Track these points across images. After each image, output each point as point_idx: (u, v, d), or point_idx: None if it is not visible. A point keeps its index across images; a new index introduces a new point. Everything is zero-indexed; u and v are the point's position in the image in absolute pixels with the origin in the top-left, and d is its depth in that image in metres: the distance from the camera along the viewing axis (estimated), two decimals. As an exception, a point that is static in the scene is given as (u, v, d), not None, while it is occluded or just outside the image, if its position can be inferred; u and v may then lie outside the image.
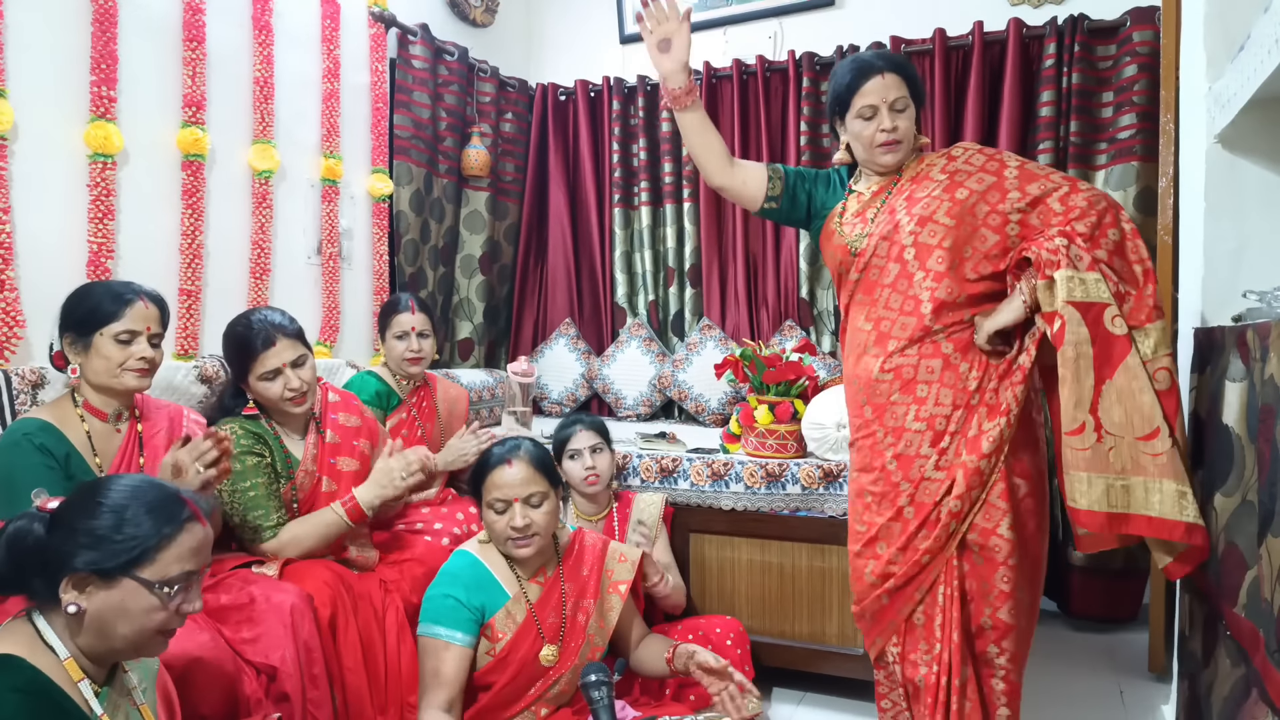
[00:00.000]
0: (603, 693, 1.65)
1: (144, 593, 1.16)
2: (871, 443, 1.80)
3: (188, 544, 1.21)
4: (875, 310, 1.79)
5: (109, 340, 1.72)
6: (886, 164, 1.82)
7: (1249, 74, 1.56)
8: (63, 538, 1.16)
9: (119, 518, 1.17)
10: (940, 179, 1.77)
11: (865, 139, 1.80)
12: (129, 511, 1.18)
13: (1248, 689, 1.30)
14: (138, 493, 1.21)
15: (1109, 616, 2.98)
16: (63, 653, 1.16)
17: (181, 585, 1.20)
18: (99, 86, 2.18)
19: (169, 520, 1.20)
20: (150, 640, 1.20)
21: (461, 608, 1.84)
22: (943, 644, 1.70)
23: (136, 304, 1.76)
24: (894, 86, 1.77)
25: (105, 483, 1.22)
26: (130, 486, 1.21)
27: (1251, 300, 1.66)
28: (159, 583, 1.17)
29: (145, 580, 1.16)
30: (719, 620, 2.34)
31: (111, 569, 1.15)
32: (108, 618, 1.16)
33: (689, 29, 1.87)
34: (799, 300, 3.48)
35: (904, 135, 1.79)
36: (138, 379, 1.76)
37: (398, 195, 3.27)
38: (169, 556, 1.18)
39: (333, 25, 2.97)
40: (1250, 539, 1.31)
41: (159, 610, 1.18)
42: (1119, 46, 3.03)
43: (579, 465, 2.40)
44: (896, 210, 1.78)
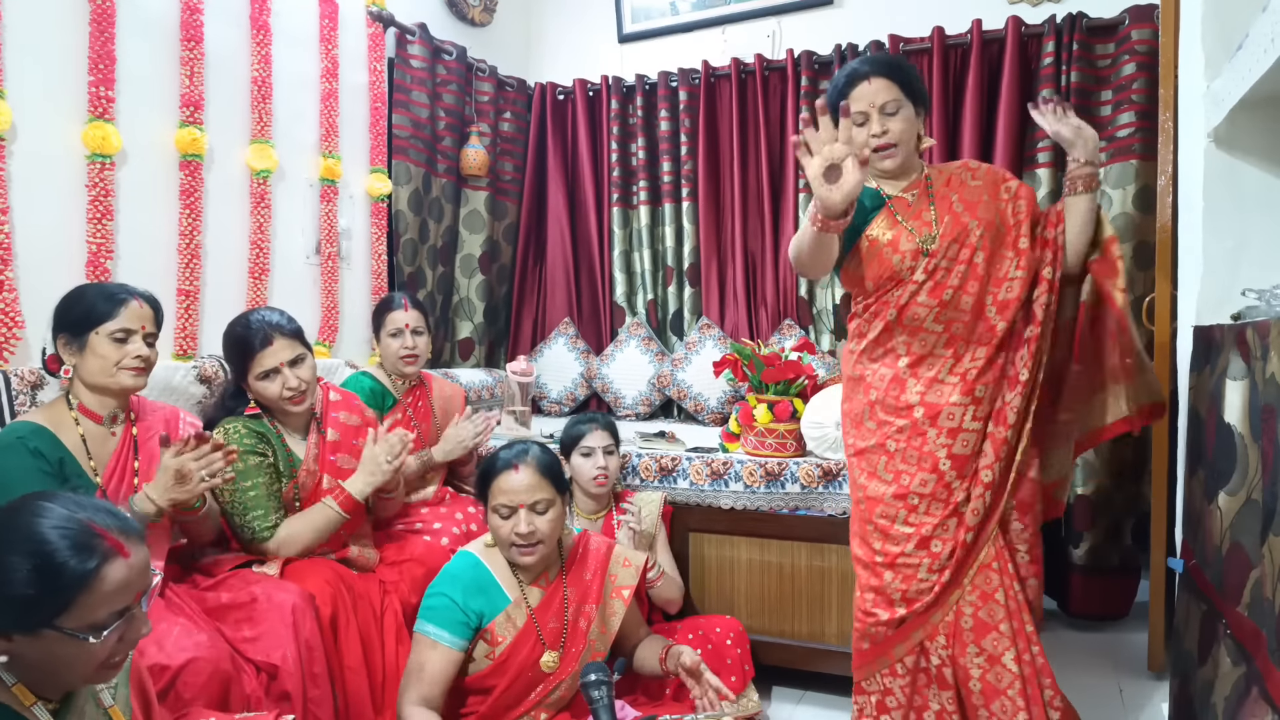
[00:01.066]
0: (602, 692, 1.65)
1: (71, 642, 1.06)
2: (922, 442, 1.79)
3: (108, 586, 1.08)
4: (946, 312, 1.78)
5: (104, 339, 1.72)
6: (884, 169, 1.81)
7: (1247, 73, 1.56)
8: None
9: (23, 574, 1.04)
10: (977, 184, 1.82)
11: (858, 142, 1.74)
12: (34, 564, 1.04)
13: (1249, 688, 1.30)
14: (46, 537, 1.06)
15: (1106, 614, 2.99)
16: (9, 679, 1.08)
17: (115, 625, 1.09)
18: (97, 86, 2.17)
19: (83, 563, 1.06)
20: (99, 672, 1.11)
21: (456, 609, 1.83)
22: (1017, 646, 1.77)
23: (131, 303, 1.76)
24: (882, 90, 1.74)
25: (9, 526, 1.08)
26: (37, 527, 1.07)
27: (1250, 298, 1.66)
28: (85, 630, 1.06)
29: (69, 631, 1.05)
30: (719, 620, 2.34)
31: (28, 627, 1.04)
32: (44, 664, 1.07)
33: (859, 167, 1.51)
34: (798, 299, 3.48)
35: (898, 137, 1.77)
36: (133, 378, 1.75)
37: (396, 195, 3.27)
38: (91, 603, 1.06)
39: (331, 25, 2.96)
40: (1254, 538, 1.31)
41: (96, 652, 1.08)
42: (1118, 45, 3.03)
43: (590, 464, 2.39)
44: (957, 212, 1.80)
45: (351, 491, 1.98)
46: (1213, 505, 1.58)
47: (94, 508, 1.13)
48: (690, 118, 3.64)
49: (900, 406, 1.82)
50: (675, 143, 3.67)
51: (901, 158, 1.80)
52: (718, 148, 3.65)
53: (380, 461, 2.00)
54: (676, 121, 3.67)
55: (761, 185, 3.54)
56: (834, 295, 3.39)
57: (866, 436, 1.87)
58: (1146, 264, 2.90)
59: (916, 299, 1.79)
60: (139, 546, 1.14)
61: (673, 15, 3.89)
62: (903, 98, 1.76)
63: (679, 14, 3.88)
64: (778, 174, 3.55)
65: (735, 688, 2.18)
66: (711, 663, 2.20)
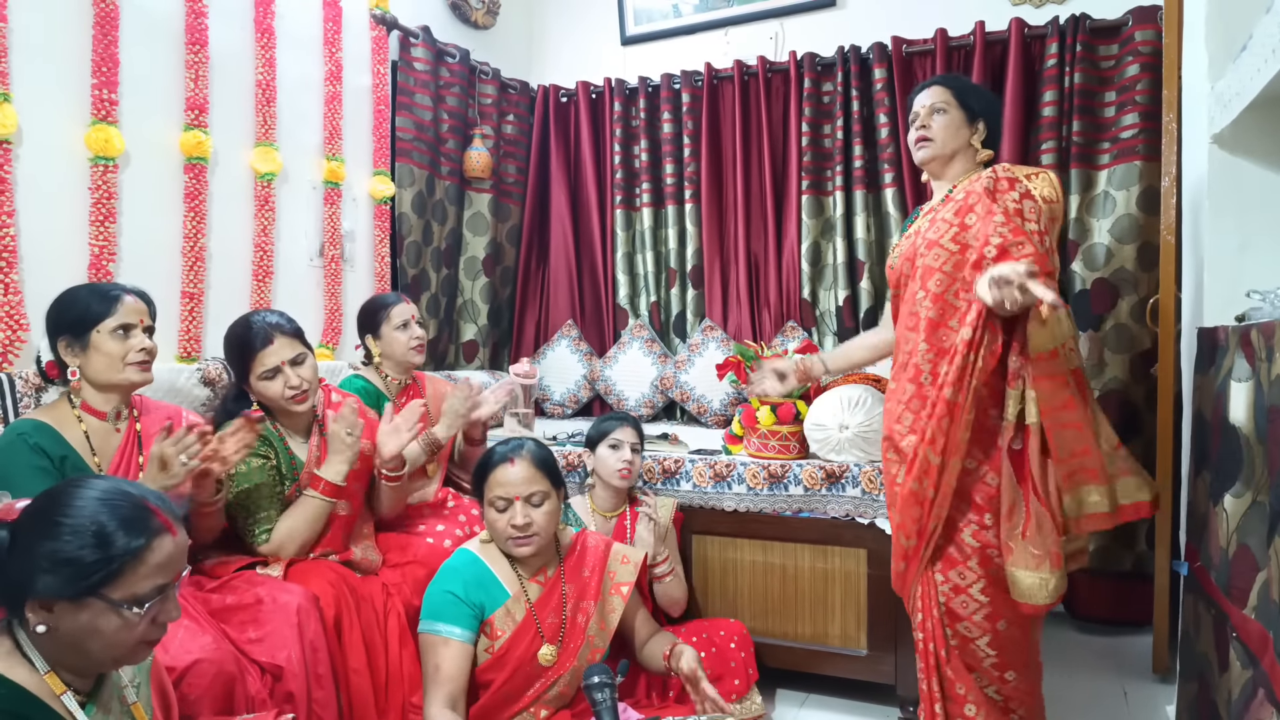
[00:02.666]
0: (606, 694, 1.65)
1: (114, 614, 1.09)
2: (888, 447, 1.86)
3: (157, 559, 1.12)
4: (899, 323, 1.87)
5: (107, 336, 1.73)
6: (921, 160, 1.89)
7: (1251, 74, 1.56)
8: (23, 557, 1.08)
9: (80, 539, 1.08)
10: (958, 200, 1.79)
11: (910, 146, 1.90)
12: (92, 529, 1.09)
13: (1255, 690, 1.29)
14: (101, 507, 1.11)
15: (1117, 619, 2.97)
16: (42, 666, 1.10)
17: (154, 600, 1.12)
18: (101, 90, 2.18)
19: (136, 536, 1.11)
20: (131, 652, 1.14)
21: (460, 603, 1.84)
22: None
23: (125, 299, 1.77)
24: (933, 94, 1.87)
25: (67, 495, 1.13)
26: (94, 499, 1.12)
27: (1255, 300, 1.65)
28: (128, 602, 1.10)
29: (114, 601, 1.09)
30: (723, 623, 2.34)
31: (75, 593, 1.07)
32: (80, 637, 1.09)
33: (791, 370, 2.17)
34: (801, 301, 3.47)
35: (935, 134, 1.85)
36: (140, 373, 1.76)
37: (400, 197, 3.27)
38: (138, 574, 1.10)
39: (334, 28, 2.97)
40: (1260, 540, 1.30)
41: (132, 628, 1.11)
42: (1121, 46, 3.03)
43: (616, 456, 2.40)
44: (922, 230, 1.84)
45: (327, 477, 1.96)
46: (1218, 507, 1.58)
47: (144, 489, 1.19)
48: (693, 120, 3.64)
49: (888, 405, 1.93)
50: (678, 145, 3.67)
51: (932, 151, 1.86)
52: (720, 149, 3.65)
53: (341, 436, 1.98)
54: (679, 123, 3.67)
55: (764, 187, 3.54)
56: (837, 297, 3.38)
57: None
58: (1150, 265, 2.90)
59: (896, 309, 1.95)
60: (181, 529, 1.19)
61: (675, 17, 3.90)
62: (954, 101, 1.86)
63: (681, 16, 3.88)
64: (780, 176, 3.55)
65: (739, 690, 2.18)
66: (715, 666, 2.20)
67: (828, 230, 3.46)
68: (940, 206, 1.83)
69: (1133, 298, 2.95)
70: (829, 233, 3.45)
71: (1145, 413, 2.96)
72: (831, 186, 3.42)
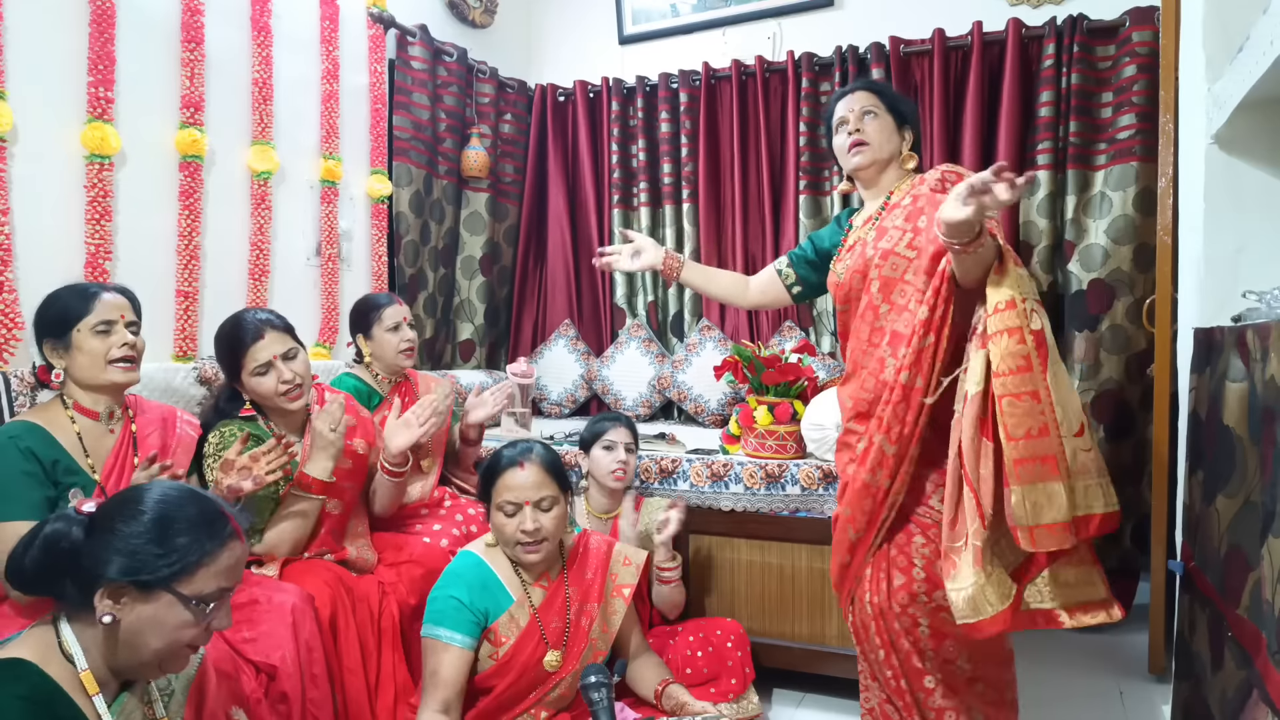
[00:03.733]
0: (602, 694, 1.65)
1: (179, 608, 1.14)
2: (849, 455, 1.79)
3: (227, 561, 1.18)
4: (850, 341, 1.83)
5: (88, 334, 1.72)
6: (856, 165, 1.81)
7: (1248, 75, 1.56)
8: (102, 545, 1.13)
9: (163, 529, 1.14)
10: (906, 204, 1.73)
11: (840, 150, 1.85)
12: (174, 523, 1.15)
13: (1249, 690, 1.29)
14: (183, 505, 1.18)
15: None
16: (81, 664, 1.12)
17: (216, 602, 1.17)
18: (97, 87, 2.18)
19: (212, 536, 1.17)
20: (176, 656, 1.18)
21: (464, 609, 1.83)
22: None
23: (103, 295, 1.76)
24: (861, 99, 1.82)
25: (148, 491, 1.19)
26: (175, 498, 1.18)
27: (1251, 301, 1.65)
28: (195, 598, 1.14)
29: (183, 595, 1.14)
30: (720, 622, 2.34)
31: (151, 581, 1.12)
32: (140, 630, 1.13)
33: (636, 235, 2.15)
34: (798, 301, 3.47)
35: (871, 138, 1.79)
36: (124, 373, 1.75)
37: (397, 196, 3.27)
38: (208, 573, 1.16)
39: (332, 26, 2.97)
40: (1253, 540, 1.30)
41: (192, 626, 1.15)
42: (1118, 47, 3.03)
43: (611, 457, 2.39)
44: (867, 242, 1.77)
45: (313, 474, 1.95)
46: (1212, 507, 1.58)
47: (216, 496, 1.27)
48: (691, 119, 3.64)
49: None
50: (676, 144, 3.67)
51: (870, 156, 1.79)
52: (718, 149, 3.65)
53: (324, 432, 1.96)
54: (677, 123, 3.67)
55: (762, 187, 3.54)
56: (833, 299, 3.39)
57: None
58: (1147, 266, 2.90)
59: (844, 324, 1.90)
60: (245, 539, 1.25)
61: (673, 17, 3.90)
62: (882, 107, 1.81)
63: (679, 16, 3.88)
64: (778, 175, 3.55)
65: (736, 690, 2.18)
66: (712, 665, 2.20)
67: (825, 230, 3.46)
68: (883, 214, 1.77)
69: (1129, 298, 2.95)
70: (826, 233, 3.45)
71: (1140, 413, 2.97)
72: (829, 186, 3.43)
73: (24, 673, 1.08)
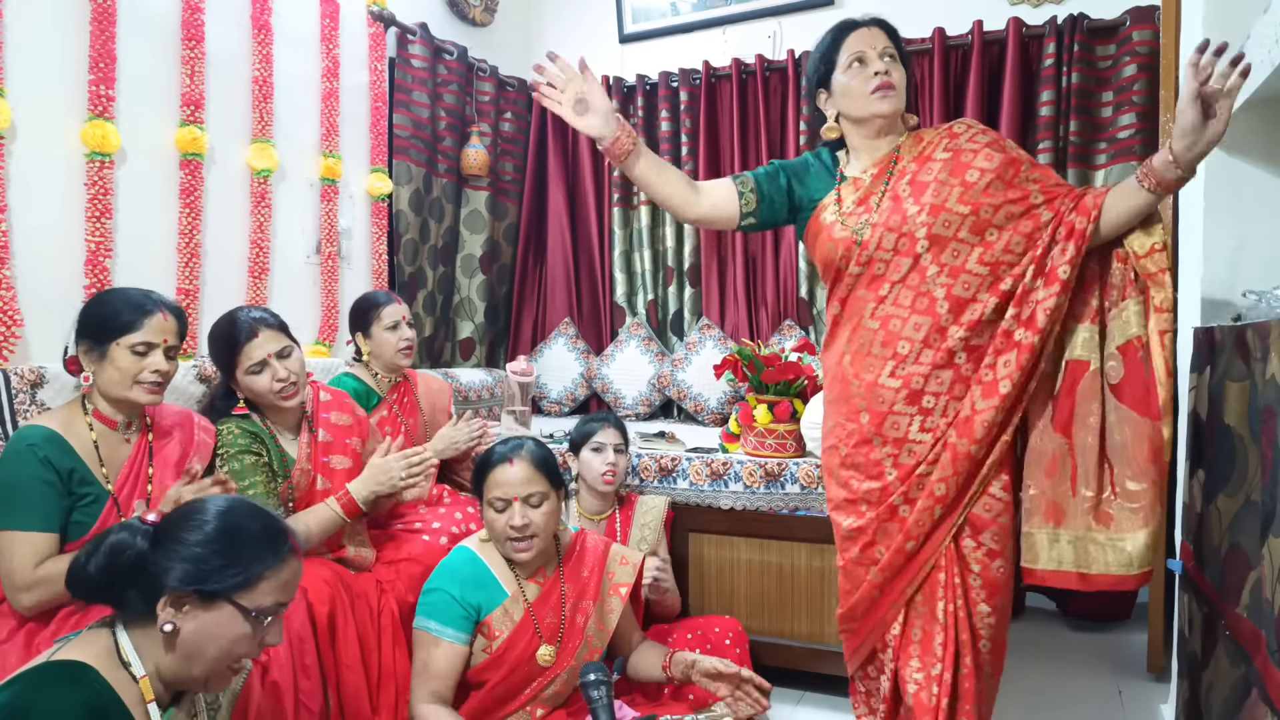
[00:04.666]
0: (601, 692, 1.65)
1: (239, 619, 1.16)
2: (868, 450, 1.66)
3: (285, 577, 1.21)
4: (883, 308, 1.63)
5: (125, 351, 1.70)
6: (883, 111, 1.64)
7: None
8: (167, 554, 1.15)
9: (230, 541, 1.17)
10: (944, 158, 1.62)
11: (856, 91, 1.65)
12: (238, 536, 1.18)
13: (1248, 689, 1.30)
14: (246, 518, 1.21)
15: (1106, 616, 2.99)
16: (139, 670, 1.14)
17: (273, 616, 1.20)
18: (97, 85, 2.17)
19: (275, 550, 1.20)
20: (225, 671, 1.20)
21: (455, 604, 1.84)
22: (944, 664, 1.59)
23: (156, 315, 1.73)
24: (881, 37, 1.67)
25: (213, 504, 1.22)
26: (239, 511, 1.21)
27: (1251, 300, 1.66)
28: (255, 610, 1.17)
29: (244, 607, 1.16)
30: (718, 620, 2.34)
31: (215, 591, 1.15)
32: (199, 640, 1.15)
33: (594, 78, 1.66)
34: (798, 299, 3.47)
35: (897, 83, 1.64)
36: (148, 395, 1.73)
37: (397, 195, 3.27)
38: (269, 586, 1.19)
39: (332, 24, 2.97)
40: (1253, 539, 1.31)
41: (249, 639, 1.17)
42: (1119, 46, 3.03)
43: (600, 459, 2.39)
44: (902, 197, 1.61)
45: (355, 497, 1.96)
46: (1212, 506, 1.58)
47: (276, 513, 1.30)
48: (691, 118, 3.64)
49: (850, 410, 1.68)
50: (676, 143, 3.67)
51: (899, 103, 1.65)
52: (718, 148, 3.65)
53: (394, 475, 1.98)
54: (677, 122, 3.67)
55: (762, 186, 3.54)
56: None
57: (826, 436, 1.76)
58: (1147, 265, 2.90)
59: (857, 291, 1.67)
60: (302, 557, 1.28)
61: (673, 16, 3.89)
62: (897, 53, 1.67)
63: (680, 14, 3.88)
64: (778, 174, 3.55)
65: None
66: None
67: (825, 229, 3.45)
68: (914, 167, 1.64)
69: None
70: (826, 232, 3.45)
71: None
72: (829, 185, 3.42)
73: (87, 678, 1.10)
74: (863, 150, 1.72)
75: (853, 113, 1.69)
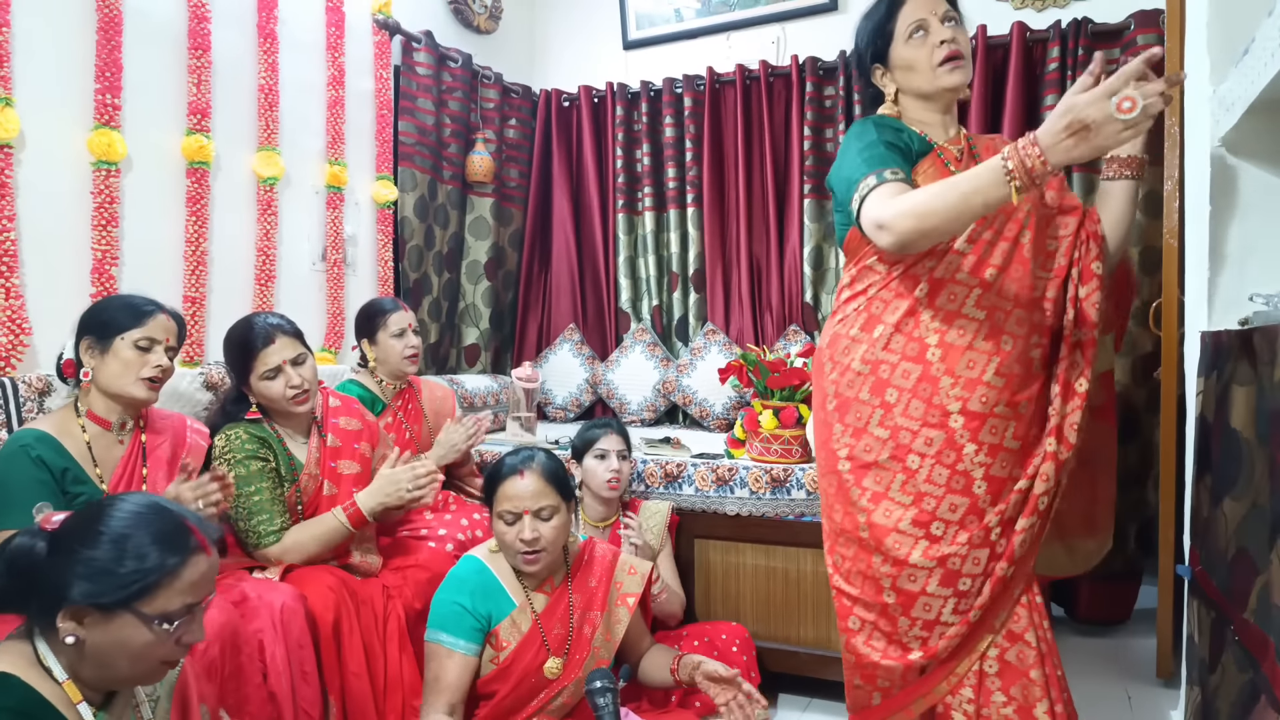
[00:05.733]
0: (608, 700, 1.64)
1: (144, 628, 1.10)
2: (955, 459, 1.46)
3: (191, 576, 1.14)
4: (988, 297, 1.45)
5: (128, 345, 1.74)
6: (954, 84, 1.50)
7: (1253, 78, 1.55)
8: (61, 566, 1.09)
9: (120, 549, 1.10)
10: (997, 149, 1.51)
11: (922, 63, 1.49)
12: (131, 542, 1.11)
13: (1256, 694, 1.29)
14: (142, 521, 1.13)
15: (1109, 619, 2.99)
16: (60, 674, 1.10)
17: (183, 619, 1.14)
18: (104, 94, 2.19)
19: (174, 552, 1.13)
20: (152, 670, 1.15)
21: (466, 614, 1.83)
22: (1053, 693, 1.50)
23: (159, 315, 1.79)
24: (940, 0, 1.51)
25: (109, 507, 1.15)
26: (134, 513, 1.14)
27: (1258, 304, 1.65)
28: (159, 618, 1.11)
29: (145, 615, 1.10)
30: (725, 626, 2.33)
31: (110, 604, 1.09)
32: (106, 650, 1.10)
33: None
34: (803, 304, 3.47)
35: (966, 51, 1.49)
36: (147, 390, 1.77)
37: (402, 201, 3.28)
38: (172, 590, 1.12)
39: (337, 33, 2.98)
40: (1261, 544, 1.30)
41: (159, 645, 1.12)
42: (1123, 50, 3.03)
43: (604, 467, 2.39)
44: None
45: (362, 508, 1.98)
46: (1219, 511, 1.57)
47: (183, 508, 1.22)
48: (695, 124, 3.65)
49: (933, 412, 1.46)
50: (680, 148, 3.68)
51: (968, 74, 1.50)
52: (722, 153, 3.65)
53: (401, 487, 1.99)
54: (681, 127, 3.68)
55: (766, 191, 3.54)
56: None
57: (875, 448, 1.50)
58: (1153, 269, 2.89)
59: (955, 275, 1.45)
60: (215, 550, 1.20)
61: (677, 22, 3.90)
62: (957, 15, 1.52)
63: (683, 20, 3.89)
64: (782, 179, 3.55)
65: (741, 694, 2.17)
66: (717, 669, 2.20)
67: (830, 234, 3.46)
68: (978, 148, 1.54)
69: (1135, 302, 2.94)
70: (831, 236, 3.45)
71: (1145, 416, 2.96)
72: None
73: (9, 685, 1.07)
74: (933, 126, 1.56)
75: (920, 87, 1.53)
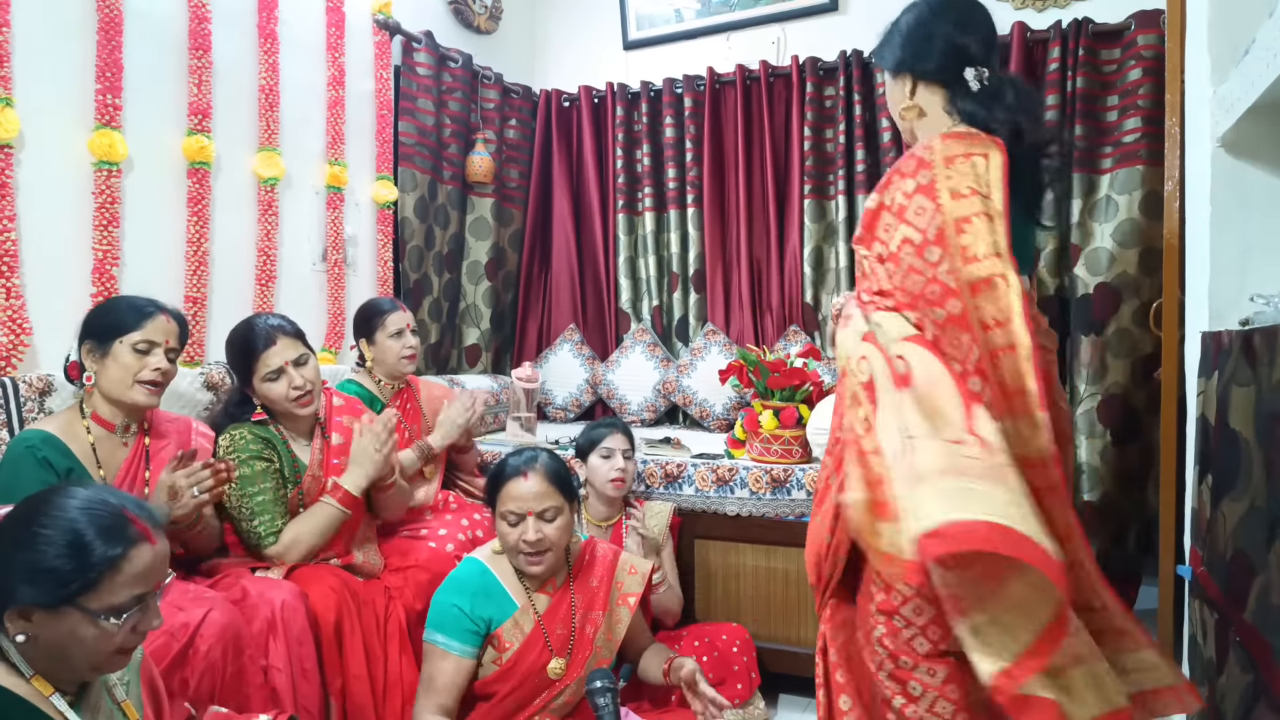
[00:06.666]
0: (608, 699, 1.65)
1: (91, 623, 1.09)
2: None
3: (135, 568, 1.12)
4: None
5: (128, 349, 1.74)
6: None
7: (1254, 78, 1.55)
8: (2, 565, 1.08)
9: (56, 548, 1.08)
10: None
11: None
12: (68, 540, 1.08)
13: (1257, 696, 1.29)
14: (79, 516, 1.11)
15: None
16: (27, 671, 1.09)
17: (133, 609, 1.12)
18: (104, 95, 2.19)
19: (113, 545, 1.10)
20: (109, 660, 1.13)
21: (464, 617, 1.83)
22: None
23: (159, 317, 1.79)
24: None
25: (46, 503, 1.12)
26: (72, 507, 1.11)
27: (1258, 304, 1.65)
28: (106, 611, 1.09)
29: (91, 611, 1.08)
30: (725, 627, 2.34)
31: (54, 602, 1.07)
32: (59, 645, 1.09)
33: None
34: (803, 305, 3.47)
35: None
36: (147, 395, 1.77)
37: (402, 202, 3.28)
38: (116, 584, 1.10)
39: (338, 33, 2.98)
40: (1259, 545, 1.30)
41: (112, 636, 1.10)
42: (1123, 50, 3.03)
43: (609, 465, 2.39)
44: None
45: (347, 486, 1.98)
46: (1218, 511, 1.57)
47: (124, 497, 1.19)
48: (695, 124, 3.65)
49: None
50: (680, 149, 3.68)
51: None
52: (723, 154, 3.65)
53: (369, 451, 2.00)
54: (681, 128, 3.68)
55: (767, 191, 3.54)
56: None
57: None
58: (1153, 270, 2.89)
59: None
60: (162, 537, 1.18)
61: (677, 22, 3.90)
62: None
63: (683, 21, 3.89)
64: (783, 180, 3.55)
65: (742, 695, 2.18)
66: (717, 670, 2.20)
67: (830, 234, 3.46)
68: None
69: (1135, 302, 2.94)
70: (831, 237, 3.45)
71: (1146, 417, 2.96)
72: (834, 191, 3.43)
73: None
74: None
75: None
